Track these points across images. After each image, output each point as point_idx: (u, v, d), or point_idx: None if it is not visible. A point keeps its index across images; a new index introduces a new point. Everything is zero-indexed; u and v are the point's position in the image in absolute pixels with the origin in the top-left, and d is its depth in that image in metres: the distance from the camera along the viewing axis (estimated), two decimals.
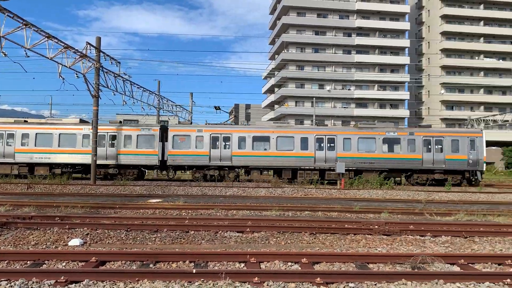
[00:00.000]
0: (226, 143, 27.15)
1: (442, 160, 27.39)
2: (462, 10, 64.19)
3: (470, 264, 7.00)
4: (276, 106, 67.17)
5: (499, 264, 7.09)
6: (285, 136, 27.38)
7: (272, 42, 70.76)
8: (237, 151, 27.04)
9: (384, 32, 64.12)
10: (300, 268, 6.55)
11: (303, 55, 62.24)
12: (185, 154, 26.98)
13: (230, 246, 8.26)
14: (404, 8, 63.90)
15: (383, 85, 63.79)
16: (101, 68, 24.64)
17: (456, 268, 6.82)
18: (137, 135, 26.98)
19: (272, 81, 68.02)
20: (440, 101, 63.72)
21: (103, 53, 24.87)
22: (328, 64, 62.53)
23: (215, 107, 40.71)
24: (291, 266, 6.75)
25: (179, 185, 23.76)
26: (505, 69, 64.67)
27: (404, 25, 63.99)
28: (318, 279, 5.64)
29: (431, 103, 65.39)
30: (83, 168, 27.21)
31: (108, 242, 8.40)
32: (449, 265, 6.97)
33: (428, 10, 67.85)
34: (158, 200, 15.75)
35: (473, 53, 65.12)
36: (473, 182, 27.94)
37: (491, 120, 48.61)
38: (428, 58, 66.88)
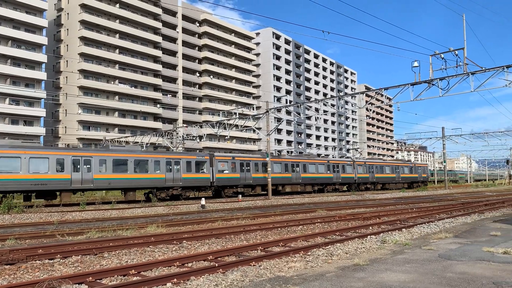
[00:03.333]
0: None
1: (418, 176, 59.83)
2: (100, 35, 67.21)
3: (98, 280, 7.13)
4: None
5: (124, 275, 7.54)
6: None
7: None
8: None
9: (18, 43, 59.05)
10: None
11: None
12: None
13: None
14: (42, 21, 61.02)
15: (16, 99, 58.37)
16: None
17: (84, 287, 6.79)
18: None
19: None
20: (77, 120, 63.96)
21: None
22: None
23: None
24: None
25: None
26: (136, 96, 72.03)
27: (42, 39, 60.97)
28: None
29: (68, 122, 64.70)
30: None
31: None
32: (77, 284, 6.87)
33: (67, 29, 67.46)
34: None
35: (109, 78, 69.13)
36: (422, 186, 61.30)
37: (124, 141, 52.86)
38: (66, 77, 66.21)
